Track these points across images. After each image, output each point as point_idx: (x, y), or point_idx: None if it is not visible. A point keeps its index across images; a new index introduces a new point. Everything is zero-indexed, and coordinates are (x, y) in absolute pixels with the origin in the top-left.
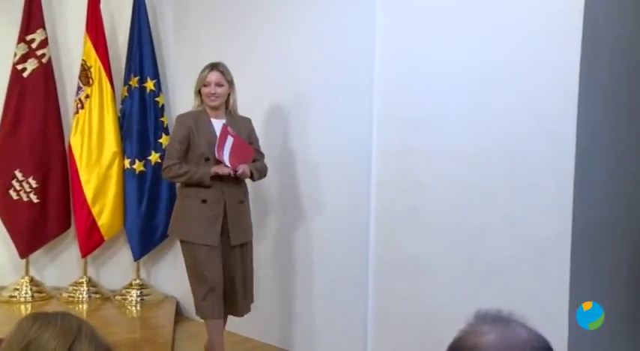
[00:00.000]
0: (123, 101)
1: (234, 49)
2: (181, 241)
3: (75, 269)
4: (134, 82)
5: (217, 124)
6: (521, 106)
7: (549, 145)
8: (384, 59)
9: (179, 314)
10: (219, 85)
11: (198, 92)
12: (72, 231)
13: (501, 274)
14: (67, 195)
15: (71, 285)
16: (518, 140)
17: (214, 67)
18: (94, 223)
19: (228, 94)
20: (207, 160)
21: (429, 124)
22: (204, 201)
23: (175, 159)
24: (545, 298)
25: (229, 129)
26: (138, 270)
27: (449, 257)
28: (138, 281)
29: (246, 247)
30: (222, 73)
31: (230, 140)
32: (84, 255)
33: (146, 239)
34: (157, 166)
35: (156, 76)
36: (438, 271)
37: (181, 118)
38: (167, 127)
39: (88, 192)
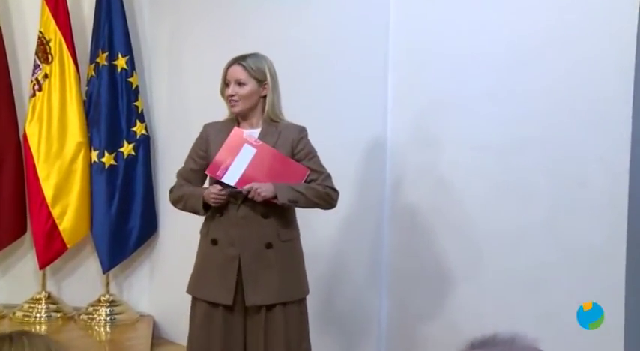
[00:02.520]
0: (89, 82)
1: (225, 24)
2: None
3: (31, 283)
4: (102, 58)
5: (247, 136)
6: (565, 87)
7: (599, 134)
8: (400, 32)
9: (157, 336)
10: (239, 83)
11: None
12: (28, 237)
13: (543, 288)
14: (22, 194)
15: (27, 302)
16: (562, 128)
17: (237, 59)
18: (54, 227)
19: (264, 97)
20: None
21: (453, 109)
22: (214, 241)
23: (182, 180)
24: None
25: (246, 135)
26: (107, 284)
27: (478, 268)
28: (107, 297)
29: (275, 312)
30: (244, 67)
31: (248, 151)
32: (42, 266)
33: (117, 247)
34: (130, 160)
35: (128, 51)
36: (465, 285)
37: (204, 128)
38: (142, 113)
39: (48, 190)
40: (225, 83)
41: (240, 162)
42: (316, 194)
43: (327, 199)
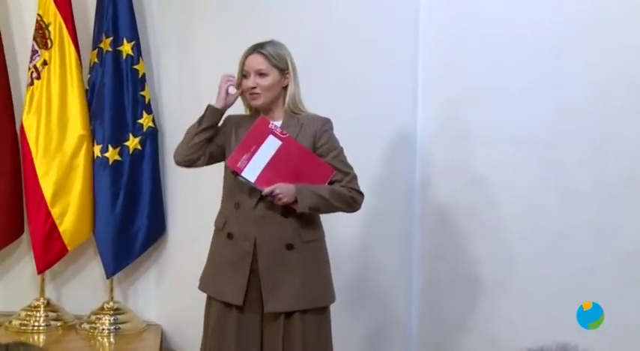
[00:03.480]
0: (91, 69)
1: (240, 5)
2: None
3: (29, 289)
4: (106, 44)
5: (274, 126)
6: (612, 75)
7: None
8: (430, 17)
9: (165, 347)
10: (261, 74)
11: None
12: (25, 239)
13: (587, 295)
14: (19, 192)
15: (24, 310)
16: (608, 120)
17: (256, 47)
18: (53, 228)
19: (285, 87)
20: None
21: (489, 100)
22: (229, 235)
23: None
24: None
25: (272, 125)
26: (112, 290)
27: (516, 273)
28: (111, 305)
29: (295, 320)
30: (266, 56)
31: (273, 143)
32: (41, 270)
33: (122, 250)
34: (136, 155)
35: (134, 36)
36: (502, 292)
37: (226, 119)
38: (149, 104)
39: (47, 188)
40: (243, 75)
41: (262, 154)
42: (340, 198)
43: (351, 203)
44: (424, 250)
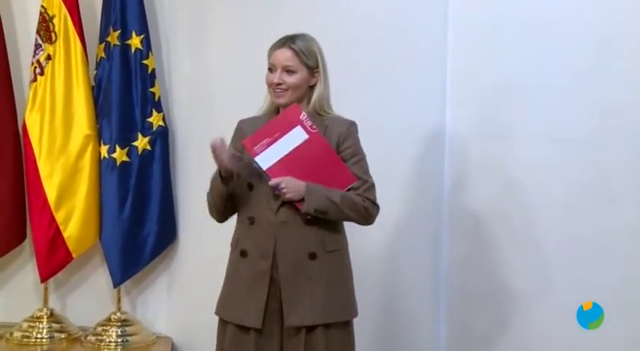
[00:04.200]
0: (98, 64)
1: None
2: None
3: (31, 299)
4: (114, 37)
5: (305, 117)
6: None
7: None
8: (461, 7)
9: None
10: (289, 70)
11: None
12: (27, 245)
13: (632, 307)
14: (21, 195)
15: (26, 321)
16: None
17: (285, 41)
18: (57, 234)
19: (312, 86)
20: (251, 187)
21: (524, 97)
22: (242, 253)
23: None
24: None
25: (304, 116)
26: (119, 300)
27: (554, 283)
28: (119, 315)
29: (317, 335)
30: (296, 52)
31: (298, 135)
32: (44, 279)
33: (130, 257)
34: (146, 155)
35: (144, 29)
36: (537, 304)
37: (239, 124)
38: (159, 101)
39: (50, 191)
40: (269, 68)
41: (284, 144)
42: (352, 206)
43: (363, 213)
44: (453, 259)
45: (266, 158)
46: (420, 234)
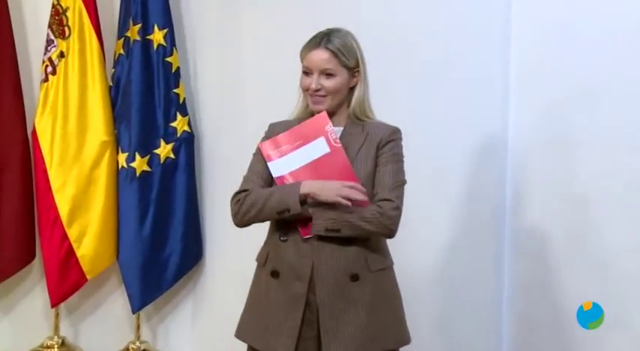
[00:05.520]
0: (116, 62)
1: None
2: None
3: (41, 325)
4: (134, 32)
5: (331, 129)
6: None
7: None
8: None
9: None
10: (327, 74)
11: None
12: (37, 265)
13: None
14: (30, 209)
15: (35, 350)
16: None
17: (320, 40)
18: (70, 253)
19: (352, 88)
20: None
21: (597, 101)
22: (274, 273)
23: (260, 180)
24: None
25: (330, 127)
26: (138, 328)
27: (631, 311)
28: (138, 345)
29: None
30: (334, 53)
31: (319, 147)
32: (55, 303)
33: (151, 279)
34: (169, 165)
35: (167, 23)
36: (613, 333)
37: (270, 128)
38: (184, 104)
39: (63, 204)
40: (304, 71)
41: (302, 154)
42: (361, 216)
43: (377, 217)
44: (516, 283)
45: (279, 166)
46: (478, 255)
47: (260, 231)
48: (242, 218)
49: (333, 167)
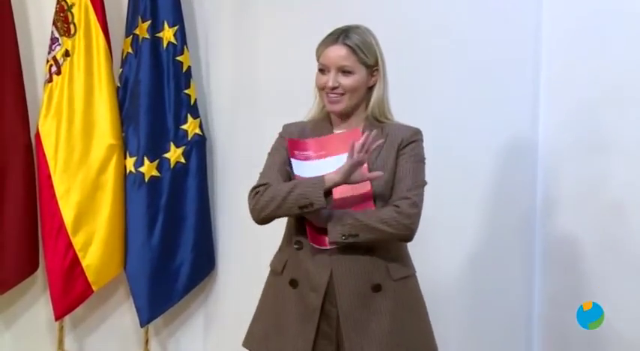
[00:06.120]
0: (124, 61)
1: None
2: None
3: (44, 339)
4: (142, 30)
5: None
6: None
7: None
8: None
9: None
10: (344, 71)
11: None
12: (40, 276)
13: None
14: (33, 216)
15: None
16: None
17: (338, 36)
18: (75, 262)
19: (371, 87)
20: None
21: (636, 101)
22: (293, 282)
23: (278, 175)
24: None
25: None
26: (147, 342)
27: None
28: None
29: None
30: (352, 49)
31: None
32: (59, 316)
33: (161, 291)
34: (180, 169)
35: (178, 20)
36: None
37: (284, 128)
38: (196, 105)
39: (67, 211)
40: (319, 69)
41: (324, 165)
42: (378, 218)
43: (395, 217)
44: (547, 297)
45: (300, 167)
46: (507, 265)
47: (278, 239)
48: (259, 213)
49: (355, 190)
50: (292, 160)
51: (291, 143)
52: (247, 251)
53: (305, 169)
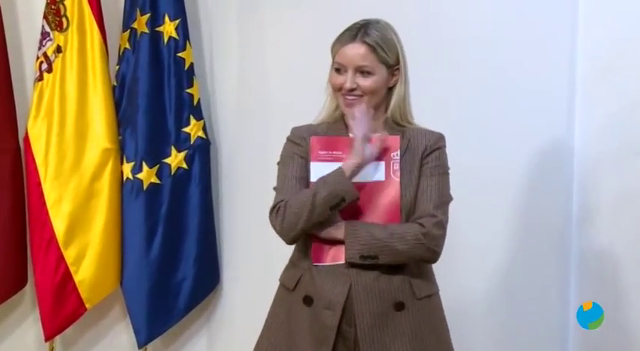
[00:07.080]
0: (121, 58)
1: None
2: None
3: None
4: (141, 24)
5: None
6: None
7: None
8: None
9: None
10: (363, 71)
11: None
12: (28, 292)
13: None
14: (21, 227)
15: None
16: None
17: (357, 33)
18: (67, 278)
19: (391, 87)
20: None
21: None
22: (307, 300)
23: (297, 184)
24: None
25: (396, 155)
26: None
27: None
28: None
29: None
30: (372, 47)
31: (376, 173)
32: (49, 336)
33: (160, 309)
34: (181, 176)
35: (180, 13)
36: None
37: (294, 132)
38: (199, 106)
39: (59, 222)
40: (335, 68)
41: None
42: (402, 238)
43: (415, 243)
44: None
45: (324, 170)
46: (540, 279)
47: (288, 251)
48: (289, 232)
49: (381, 198)
50: (313, 163)
51: (318, 141)
52: (255, 265)
53: (321, 171)
